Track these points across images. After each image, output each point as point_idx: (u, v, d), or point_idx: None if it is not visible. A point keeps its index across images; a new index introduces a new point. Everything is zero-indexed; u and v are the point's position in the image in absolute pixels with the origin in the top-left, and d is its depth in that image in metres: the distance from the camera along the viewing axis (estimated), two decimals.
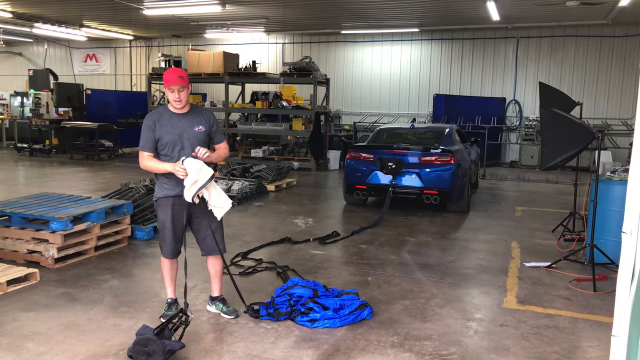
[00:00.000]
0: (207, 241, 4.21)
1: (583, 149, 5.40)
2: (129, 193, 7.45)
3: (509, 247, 6.69)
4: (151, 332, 3.45)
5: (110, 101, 18.07)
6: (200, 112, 4.19)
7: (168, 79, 3.93)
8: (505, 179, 13.29)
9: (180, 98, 3.96)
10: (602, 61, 15.50)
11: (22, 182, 11.57)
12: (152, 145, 4.00)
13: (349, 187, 8.88)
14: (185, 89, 3.97)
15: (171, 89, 3.94)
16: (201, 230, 4.19)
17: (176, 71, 3.97)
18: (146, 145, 4.01)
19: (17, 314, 4.26)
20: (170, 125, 3.99)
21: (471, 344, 3.92)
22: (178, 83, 3.92)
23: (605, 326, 4.23)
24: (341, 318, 4.15)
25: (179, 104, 3.99)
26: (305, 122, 14.27)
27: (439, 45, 17.07)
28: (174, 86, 3.93)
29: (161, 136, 3.97)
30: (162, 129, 3.98)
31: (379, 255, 6.19)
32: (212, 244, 4.20)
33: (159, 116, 4.02)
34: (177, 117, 4.03)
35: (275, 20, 15.88)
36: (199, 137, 4.05)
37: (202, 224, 4.17)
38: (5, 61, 23.46)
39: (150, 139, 3.99)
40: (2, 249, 5.66)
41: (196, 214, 4.14)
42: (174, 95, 3.95)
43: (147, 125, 4.01)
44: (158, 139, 3.98)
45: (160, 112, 4.07)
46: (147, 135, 4.00)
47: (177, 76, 3.92)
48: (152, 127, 3.98)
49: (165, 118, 4.02)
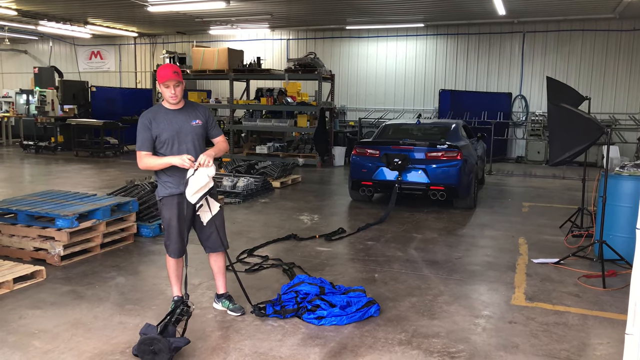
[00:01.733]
0: (212, 238, 4.19)
1: (592, 144, 5.34)
2: (134, 190, 7.44)
3: (517, 243, 6.64)
4: (154, 330, 3.43)
5: (115, 98, 18.07)
6: (195, 106, 4.17)
7: (163, 75, 3.88)
8: (511, 174, 13.22)
9: (176, 94, 3.92)
10: (610, 55, 15.37)
11: (28, 180, 11.60)
12: (150, 144, 3.96)
13: (355, 183, 8.84)
14: (181, 84, 3.94)
15: (167, 85, 3.90)
16: (205, 227, 4.17)
17: (170, 67, 3.92)
18: (144, 145, 3.96)
19: (23, 312, 4.26)
20: (167, 121, 3.96)
21: (479, 341, 3.88)
22: (174, 78, 3.87)
23: (615, 323, 4.19)
24: (348, 315, 4.12)
25: (175, 100, 3.95)
26: (310, 119, 14.22)
27: (445, 40, 16.97)
28: (170, 82, 3.89)
29: (159, 133, 3.94)
30: (159, 126, 3.94)
31: (386, 252, 6.16)
32: (217, 241, 4.18)
33: (154, 114, 3.99)
34: (173, 113, 4.00)
35: (280, 16, 15.82)
36: (196, 132, 4.03)
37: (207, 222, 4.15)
38: (11, 59, 23.51)
39: (148, 138, 3.95)
40: (9, 247, 5.67)
41: (199, 210, 4.12)
42: (169, 90, 3.91)
43: (143, 124, 3.96)
44: (156, 136, 3.95)
45: (155, 110, 4.04)
46: (144, 134, 3.95)
47: (172, 72, 3.88)
48: (148, 125, 3.94)
49: (161, 115, 3.98)
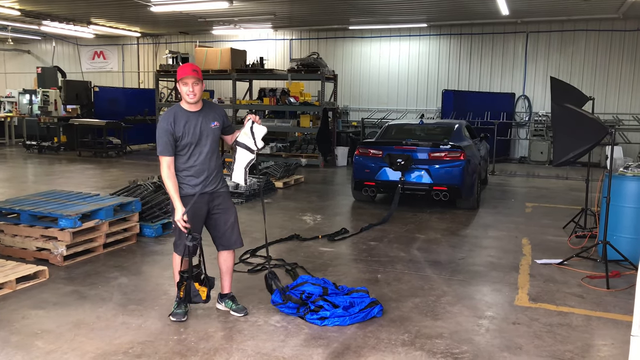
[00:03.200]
0: (226, 235, 4.21)
1: (596, 144, 5.32)
2: (137, 190, 7.44)
3: (520, 243, 6.62)
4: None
5: (118, 98, 18.08)
6: (213, 107, 4.18)
7: (182, 72, 3.88)
8: (514, 174, 13.19)
9: (195, 92, 3.89)
10: (613, 56, 15.33)
11: (30, 180, 11.62)
12: (172, 149, 3.91)
13: (358, 183, 8.83)
14: (200, 83, 3.93)
15: (185, 82, 3.88)
16: (219, 225, 4.18)
17: (190, 65, 3.97)
18: (165, 150, 3.90)
19: (26, 312, 4.26)
20: (189, 125, 3.92)
21: (483, 342, 3.87)
22: (193, 75, 3.87)
23: (619, 324, 4.17)
24: (351, 316, 4.11)
25: (193, 98, 3.91)
26: (313, 119, 14.22)
27: (448, 40, 16.95)
28: (189, 79, 3.87)
29: (180, 137, 3.91)
30: (180, 129, 3.90)
31: (389, 253, 6.14)
32: (231, 238, 4.21)
33: (175, 116, 3.93)
34: (194, 116, 3.97)
35: (283, 16, 15.82)
36: (215, 133, 4.06)
37: (221, 219, 4.17)
38: (14, 59, 23.57)
39: (170, 142, 3.89)
40: (12, 247, 5.67)
41: (214, 209, 4.15)
42: (187, 88, 3.88)
43: (164, 128, 3.88)
44: (177, 140, 3.91)
45: (174, 111, 3.97)
46: (165, 138, 3.88)
47: (191, 69, 3.89)
48: (169, 129, 3.88)
49: (181, 118, 3.93)
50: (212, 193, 4.11)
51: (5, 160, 14.72)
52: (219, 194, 4.16)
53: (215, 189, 4.13)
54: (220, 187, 4.18)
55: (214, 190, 4.12)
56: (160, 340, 3.80)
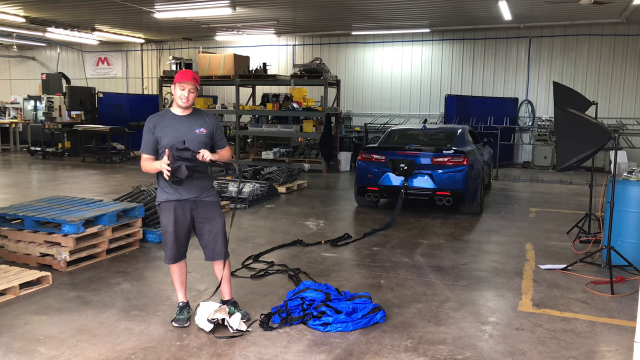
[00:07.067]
0: (209, 246, 4.18)
1: (599, 149, 5.30)
2: (140, 196, 7.46)
3: (523, 249, 6.60)
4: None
5: (121, 104, 18.17)
6: (203, 115, 4.17)
7: (183, 76, 3.95)
8: (518, 179, 13.16)
9: (189, 97, 3.96)
10: (616, 60, 15.30)
11: (35, 185, 11.65)
12: (151, 147, 4.02)
13: (361, 189, 8.82)
14: (196, 91, 3.99)
15: (182, 86, 3.94)
16: (204, 235, 4.17)
17: (191, 72, 4.02)
18: (146, 148, 4.04)
19: (29, 318, 4.26)
20: (171, 127, 3.99)
21: (486, 348, 3.85)
22: (192, 82, 3.94)
23: (624, 330, 4.14)
24: (354, 322, 4.10)
25: (185, 103, 3.97)
26: (315, 124, 14.22)
27: (450, 45, 16.96)
28: (187, 84, 3.93)
29: (161, 138, 3.98)
30: (162, 130, 3.98)
31: (392, 258, 6.13)
32: (215, 249, 4.18)
33: (160, 118, 4.04)
34: (179, 119, 4.03)
35: (286, 22, 15.87)
36: (199, 140, 4.01)
37: (204, 229, 4.15)
38: (19, 65, 23.70)
39: (150, 142, 4.01)
40: (15, 252, 5.69)
41: (198, 219, 4.13)
42: (183, 92, 3.94)
43: (148, 127, 4.03)
44: (158, 141, 3.99)
45: (162, 114, 4.09)
46: (147, 137, 4.03)
47: (192, 76, 3.96)
48: (152, 129, 4.00)
49: (166, 120, 4.02)
50: (194, 201, 4.08)
51: (9, 165, 14.79)
52: (204, 203, 4.11)
53: (199, 197, 4.09)
54: (205, 195, 4.12)
55: (196, 198, 4.08)
56: (162, 346, 3.79)
